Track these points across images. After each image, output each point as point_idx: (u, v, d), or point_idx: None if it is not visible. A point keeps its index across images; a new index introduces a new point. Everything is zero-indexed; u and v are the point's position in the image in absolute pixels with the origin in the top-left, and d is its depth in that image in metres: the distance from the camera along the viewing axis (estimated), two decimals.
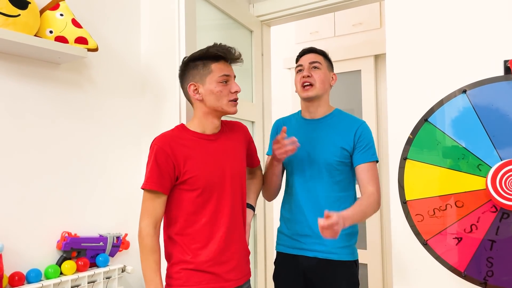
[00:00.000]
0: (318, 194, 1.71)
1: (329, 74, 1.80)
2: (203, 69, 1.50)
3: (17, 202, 1.63)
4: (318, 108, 1.78)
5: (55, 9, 1.70)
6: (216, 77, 1.50)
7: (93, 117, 1.91)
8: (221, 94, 1.50)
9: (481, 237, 1.35)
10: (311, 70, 1.76)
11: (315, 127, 1.78)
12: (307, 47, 1.84)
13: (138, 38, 2.14)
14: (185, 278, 1.47)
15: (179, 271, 1.48)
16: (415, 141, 1.49)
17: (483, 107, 1.38)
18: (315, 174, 1.72)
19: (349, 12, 3.33)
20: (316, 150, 1.73)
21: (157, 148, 1.47)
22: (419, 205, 1.46)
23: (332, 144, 1.72)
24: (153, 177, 1.45)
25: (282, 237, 1.81)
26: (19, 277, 1.57)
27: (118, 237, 1.89)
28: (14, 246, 1.60)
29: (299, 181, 1.75)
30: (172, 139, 1.50)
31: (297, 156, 1.73)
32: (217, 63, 1.51)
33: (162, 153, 1.45)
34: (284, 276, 1.77)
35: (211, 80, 1.49)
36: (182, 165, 1.47)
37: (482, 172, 1.36)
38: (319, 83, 1.74)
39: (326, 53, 1.83)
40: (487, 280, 1.34)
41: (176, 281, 1.49)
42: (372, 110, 3.34)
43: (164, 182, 1.45)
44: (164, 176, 1.45)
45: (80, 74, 1.86)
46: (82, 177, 1.85)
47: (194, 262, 1.47)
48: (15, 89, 1.64)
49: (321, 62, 1.77)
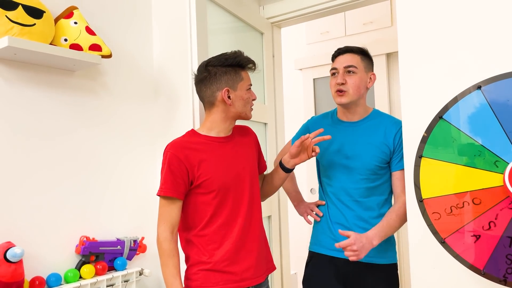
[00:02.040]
0: (356, 199, 1.69)
1: (366, 76, 1.71)
2: (235, 76, 1.57)
3: (36, 208, 1.66)
4: (354, 113, 1.74)
5: (69, 17, 1.73)
6: (246, 84, 1.59)
7: (108, 123, 1.93)
8: (248, 100, 1.60)
9: (500, 234, 1.33)
10: (345, 75, 1.68)
11: (353, 130, 1.74)
12: (343, 47, 1.75)
13: (150, 44, 2.16)
14: (203, 279, 1.49)
15: (197, 272, 1.50)
16: (430, 139, 1.48)
17: (499, 103, 1.37)
18: (355, 178, 1.69)
19: (359, 11, 3.32)
20: (355, 154, 1.69)
21: (170, 154, 1.50)
22: (435, 203, 1.44)
23: (372, 148, 1.68)
24: (168, 184, 1.48)
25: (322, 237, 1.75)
26: (39, 282, 1.60)
27: (135, 241, 1.91)
28: (34, 251, 1.63)
29: (338, 184, 1.72)
30: (184, 144, 1.53)
31: (335, 160, 1.71)
32: (244, 71, 1.61)
33: (175, 159, 1.49)
34: (320, 278, 1.72)
35: (242, 87, 1.58)
36: (196, 169, 1.50)
37: (499, 169, 1.34)
38: (353, 90, 1.68)
39: (365, 50, 1.74)
40: (507, 277, 1.32)
41: (194, 282, 1.50)
42: (385, 109, 3.32)
43: (178, 188, 1.48)
44: (179, 181, 1.48)
45: (94, 80, 1.89)
46: (98, 182, 1.87)
47: (210, 262, 1.49)
48: (31, 97, 1.67)
49: (357, 65, 1.69)
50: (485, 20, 1.52)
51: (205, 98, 1.60)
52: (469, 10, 1.56)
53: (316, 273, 1.76)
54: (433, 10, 1.62)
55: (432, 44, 1.62)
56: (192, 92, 1.93)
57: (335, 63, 1.74)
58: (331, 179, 1.76)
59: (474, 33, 1.54)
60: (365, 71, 1.72)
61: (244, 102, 1.59)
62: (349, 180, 1.70)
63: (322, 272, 1.73)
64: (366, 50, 1.75)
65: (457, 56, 1.57)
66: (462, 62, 1.55)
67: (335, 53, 1.76)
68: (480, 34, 1.53)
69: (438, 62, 1.61)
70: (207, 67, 1.58)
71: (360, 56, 1.72)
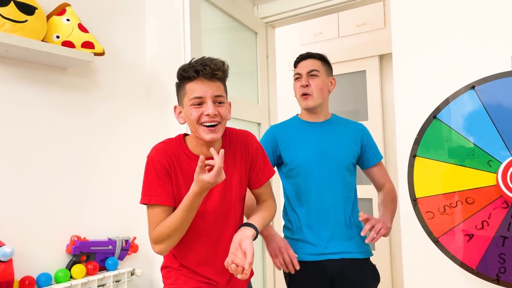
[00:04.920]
0: (337, 195, 1.70)
1: (327, 80, 1.78)
2: (180, 90, 1.34)
3: (26, 207, 1.64)
4: (320, 114, 1.79)
5: (61, 14, 1.71)
6: (189, 98, 1.29)
7: (100, 121, 1.92)
8: (192, 118, 1.29)
9: (493, 234, 1.34)
10: (309, 78, 1.74)
11: (323, 129, 1.77)
12: (304, 53, 1.82)
13: (144, 42, 2.15)
14: (174, 278, 1.42)
15: (169, 271, 1.43)
16: (424, 139, 1.48)
17: (492, 103, 1.38)
18: (332, 175, 1.70)
19: (353, 12, 3.34)
20: (331, 151, 1.72)
21: (154, 161, 1.33)
22: (429, 203, 1.45)
23: (345, 145, 1.73)
24: (148, 190, 1.32)
25: (304, 245, 1.71)
26: (29, 282, 1.58)
27: (126, 241, 1.89)
28: (24, 251, 1.61)
29: (315, 182, 1.71)
30: (169, 155, 1.34)
31: (311, 157, 1.72)
32: (191, 82, 1.29)
33: (158, 165, 1.31)
34: (309, 285, 1.69)
35: (186, 102, 1.30)
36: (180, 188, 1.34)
37: (493, 168, 1.35)
38: (317, 93, 1.73)
39: (325, 56, 1.82)
40: (500, 276, 1.32)
41: (167, 280, 1.43)
42: (377, 110, 3.33)
43: (161, 193, 1.32)
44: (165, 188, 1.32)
45: (86, 78, 1.87)
46: (90, 181, 1.86)
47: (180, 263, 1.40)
48: (23, 94, 1.65)
49: (319, 69, 1.75)
50: (479, 21, 1.54)
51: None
52: (463, 12, 1.57)
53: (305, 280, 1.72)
54: (427, 12, 1.63)
55: (426, 45, 1.63)
56: None
57: (298, 68, 1.80)
58: (307, 178, 1.73)
59: (468, 34, 1.55)
60: (326, 75, 1.79)
61: (191, 121, 1.29)
62: (329, 176, 1.71)
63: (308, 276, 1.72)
64: (326, 57, 1.82)
65: (450, 57, 1.58)
66: (456, 62, 1.56)
67: (298, 59, 1.83)
68: (473, 34, 1.54)
69: (432, 63, 1.61)
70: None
71: (321, 62, 1.79)
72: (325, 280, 1.67)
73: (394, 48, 1.71)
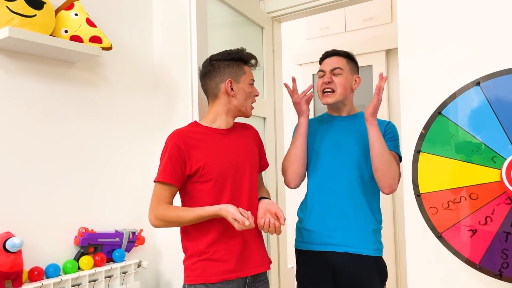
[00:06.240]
0: (352, 186, 1.71)
1: (351, 78, 1.78)
2: (238, 69, 1.61)
3: (36, 199, 1.67)
4: (342, 110, 1.81)
5: (69, 8, 1.73)
6: (248, 79, 1.64)
7: (107, 115, 1.94)
8: (250, 95, 1.64)
9: (496, 229, 1.34)
10: (332, 76, 1.75)
11: (347, 124, 1.80)
12: (330, 50, 1.82)
13: (151, 37, 2.16)
14: (201, 269, 1.50)
15: (195, 263, 1.51)
16: (429, 134, 1.48)
17: (498, 99, 1.37)
18: (349, 166, 1.72)
19: (359, 7, 3.32)
20: (349, 143, 1.74)
21: (171, 143, 1.53)
22: (433, 198, 1.45)
23: (365, 138, 1.72)
24: (166, 171, 1.51)
25: (307, 234, 1.75)
26: (38, 272, 1.61)
27: (133, 233, 1.92)
28: (33, 242, 1.64)
29: (331, 172, 1.74)
30: (186, 133, 1.57)
31: (329, 148, 1.74)
32: (247, 66, 1.65)
33: (175, 148, 1.52)
34: (311, 275, 1.72)
35: (244, 81, 1.62)
36: (194, 158, 1.52)
37: (497, 164, 1.35)
38: (340, 89, 1.74)
39: (351, 54, 1.81)
40: (502, 271, 1.33)
41: (193, 272, 1.51)
42: (383, 105, 3.33)
43: (175, 175, 1.50)
44: (176, 169, 1.51)
45: (94, 72, 1.89)
46: (98, 174, 1.88)
47: (208, 252, 1.50)
48: (31, 88, 1.67)
49: (343, 67, 1.76)
50: (485, 16, 1.53)
51: (209, 91, 1.64)
52: (469, 7, 1.56)
53: (307, 269, 1.76)
54: (433, 7, 1.63)
55: (432, 40, 1.63)
56: (192, 85, 1.93)
57: (323, 65, 1.82)
58: (323, 166, 1.77)
59: (474, 30, 1.55)
60: (351, 73, 1.80)
61: (246, 96, 1.62)
62: (344, 167, 1.73)
63: (312, 267, 1.74)
64: (352, 54, 1.82)
65: (456, 53, 1.57)
66: (462, 58, 1.56)
67: (323, 56, 1.84)
68: (479, 30, 1.54)
69: (437, 58, 1.61)
70: (211, 62, 1.64)
71: (346, 59, 1.80)
72: (327, 272, 1.69)
73: (400, 43, 1.70)
